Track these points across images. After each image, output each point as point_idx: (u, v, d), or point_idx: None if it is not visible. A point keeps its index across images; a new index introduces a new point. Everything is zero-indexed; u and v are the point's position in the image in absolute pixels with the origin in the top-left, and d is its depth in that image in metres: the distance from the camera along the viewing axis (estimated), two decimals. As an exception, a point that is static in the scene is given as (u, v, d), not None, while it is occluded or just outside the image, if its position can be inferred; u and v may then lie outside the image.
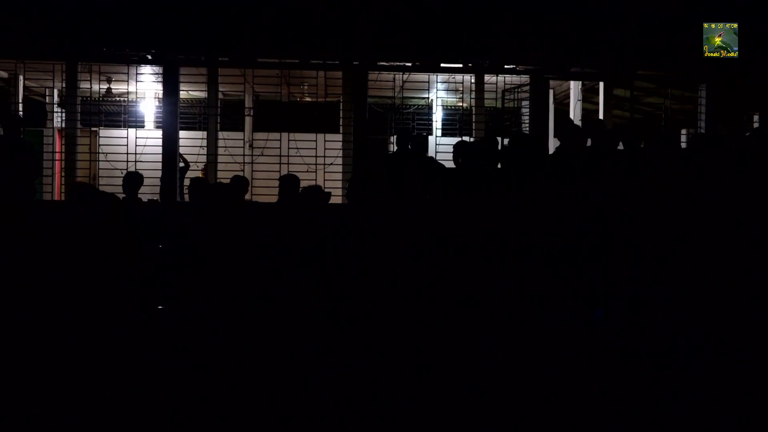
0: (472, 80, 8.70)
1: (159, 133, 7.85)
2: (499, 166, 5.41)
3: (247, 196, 6.67)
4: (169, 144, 7.50)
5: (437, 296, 4.44)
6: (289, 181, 5.74)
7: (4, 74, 8.94)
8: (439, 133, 9.83)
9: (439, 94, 9.79)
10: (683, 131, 10.05)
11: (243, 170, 7.79)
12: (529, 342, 4.13)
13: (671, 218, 4.36)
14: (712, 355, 3.89)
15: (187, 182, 7.82)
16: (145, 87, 9.74)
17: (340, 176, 7.92)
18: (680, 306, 4.12)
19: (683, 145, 9.02)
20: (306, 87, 10.14)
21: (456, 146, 5.62)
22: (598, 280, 4.31)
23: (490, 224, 4.57)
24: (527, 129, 8.46)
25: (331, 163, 7.83)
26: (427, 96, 10.74)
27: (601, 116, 8.56)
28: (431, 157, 6.30)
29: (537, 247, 4.41)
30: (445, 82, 9.53)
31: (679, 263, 4.25)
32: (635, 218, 4.41)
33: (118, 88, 10.07)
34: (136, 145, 7.64)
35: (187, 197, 7.20)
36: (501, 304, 4.30)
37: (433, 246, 4.65)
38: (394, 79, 8.56)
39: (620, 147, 5.23)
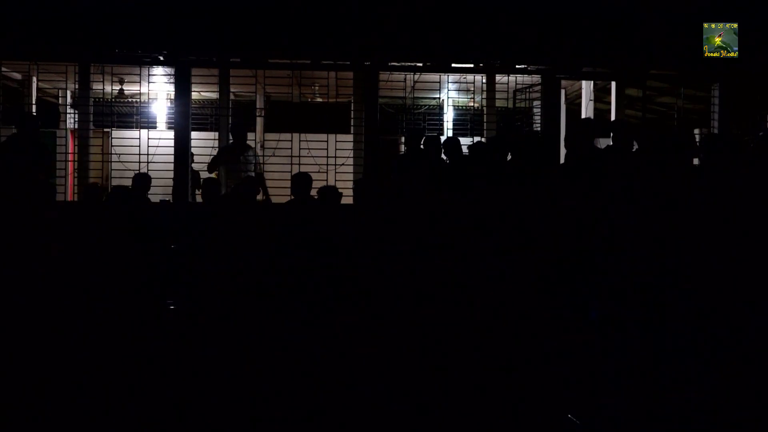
0: (484, 80, 8.68)
1: (171, 133, 7.88)
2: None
3: (259, 197, 6.67)
4: (181, 144, 7.53)
5: (438, 294, 4.46)
6: (301, 180, 5.76)
7: (18, 76, 9.00)
8: (450, 133, 9.81)
9: (450, 94, 9.75)
10: (696, 131, 9.97)
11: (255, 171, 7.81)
12: (527, 341, 4.12)
13: (676, 219, 4.32)
14: (711, 356, 3.86)
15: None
16: (157, 88, 9.78)
17: (351, 176, 7.91)
18: (680, 308, 4.09)
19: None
20: (317, 87, 10.14)
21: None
22: (595, 280, 4.28)
23: (492, 221, 4.57)
24: (538, 129, 8.43)
25: (342, 164, 7.83)
26: (438, 96, 10.72)
27: (613, 116, 8.51)
28: (442, 159, 6.28)
29: (539, 246, 4.40)
30: (456, 82, 9.51)
31: (683, 266, 4.21)
32: (638, 219, 4.37)
33: (130, 89, 10.11)
34: (148, 146, 7.67)
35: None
36: (499, 302, 4.29)
37: (434, 243, 4.66)
38: (405, 79, 8.55)
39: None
